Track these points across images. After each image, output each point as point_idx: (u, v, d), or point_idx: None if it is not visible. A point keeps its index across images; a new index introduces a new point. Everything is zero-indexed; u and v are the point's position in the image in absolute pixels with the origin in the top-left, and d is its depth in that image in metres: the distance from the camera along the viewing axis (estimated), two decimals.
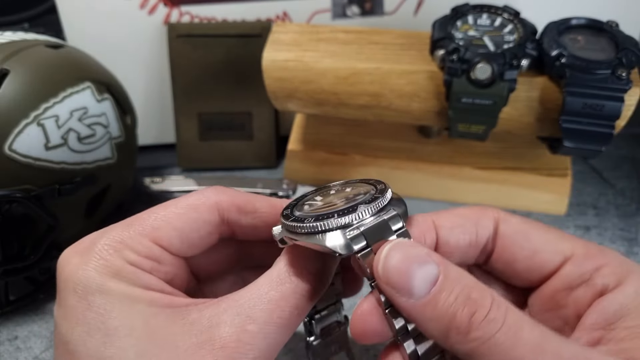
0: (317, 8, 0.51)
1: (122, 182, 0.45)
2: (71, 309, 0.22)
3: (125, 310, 0.21)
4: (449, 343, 0.20)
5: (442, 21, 0.40)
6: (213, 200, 0.25)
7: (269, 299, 0.22)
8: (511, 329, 0.19)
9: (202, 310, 0.22)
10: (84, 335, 0.21)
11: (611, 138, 0.37)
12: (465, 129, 0.40)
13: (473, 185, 0.49)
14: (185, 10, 0.51)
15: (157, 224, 0.24)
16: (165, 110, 0.55)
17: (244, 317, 0.21)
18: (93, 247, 0.23)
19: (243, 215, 0.26)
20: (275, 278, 0.23)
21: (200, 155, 0.54)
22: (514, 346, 0.19)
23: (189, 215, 0.25)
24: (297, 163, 0.51)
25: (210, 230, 0.25)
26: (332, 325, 0.28)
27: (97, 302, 0.21)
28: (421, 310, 0.20)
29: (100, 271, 0.22)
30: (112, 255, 0.23)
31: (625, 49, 0.37)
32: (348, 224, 0.21)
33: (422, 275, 0.20)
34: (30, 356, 0.37)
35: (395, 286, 0.20)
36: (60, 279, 0.23)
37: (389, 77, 0.41)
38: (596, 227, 0.47)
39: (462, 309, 0.19)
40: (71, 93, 0.38)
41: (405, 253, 0.20)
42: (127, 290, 0.22)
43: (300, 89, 0.42)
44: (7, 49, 0.37)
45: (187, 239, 0.25)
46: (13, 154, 0.35)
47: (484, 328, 0.19)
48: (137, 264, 0.23)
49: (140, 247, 0.23)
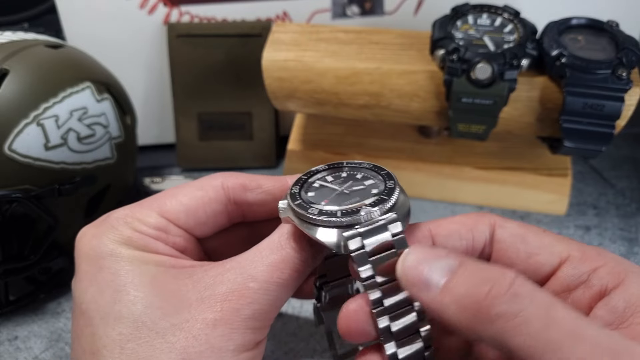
0: (317, 8, 0.51)
1: (121, 182, 0.45)
2: (84, 273, 0.24)
3: (134, 269, 0.23)
4: (474, 329, 0.19)
5: (442, 21, 0.40)
6: (218, 180, 0.27)
7: (269, 262, 0.23)
8: (543, 307, 0.18)
9: (207, 270, 0.24)
10: (96, 294, 0.23)
11: (611, 138, 0.37)
12: (465, 129, 0.40)
13: (473, 185, 0.49)
14: (185, 10, 0.51)
15: (165, 200, 0.26)
16: (165, 110, 0.55)
17: (246, 276, 0.23)
18: (107, 220, 0.25)
19: (249, 192, 0.27)
20: (276, 243, 0.24)
21: (200, 155, 0.54)
22: (548, 327, 0.17)
23: (195, 192, 0.27)
24: (297, 163, 0.51)
25: (216, 209, 0.27)
26: (342, 296, 0.29)
27: (108, 264, 0.23)
28: (440, 299, 0.19)
29: (111, 239, 0.24)
30: (122, 226, 0.25)
31: (626, 48, 0.37)
32: (348, 224, 0.22)
33: (439, 267, 0.20)
34: (30, 356, 0.37)
35: (413, 283, 0.20)
36: (77, 251, 0.25)
37: (389, 77, 0.41)
38: (596, 227, 0.47)
39: (481, 285, 0.18)
40: (71, 93, 0.38)
41: (422, 252, 0.21)
42: (136, 254, 0.24)
43: (300, 89, 0.42)
44: (6, 49, 0.37)
45: (193, 214, 0.26)
46: (13, 154, 0.35)
47: (508, 303, 0.18)
48: (145, 232, 0.25)
49: (149, 218, 0.25)
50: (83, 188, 0.39)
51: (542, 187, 0.48)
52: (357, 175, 0.26)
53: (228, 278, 0.23)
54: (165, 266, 0.24)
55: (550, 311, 0.18)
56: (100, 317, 0.22)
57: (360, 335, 0.22)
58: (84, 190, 0.40)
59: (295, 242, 0.24)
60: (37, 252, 0.38)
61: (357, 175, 0.26)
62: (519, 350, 0.18)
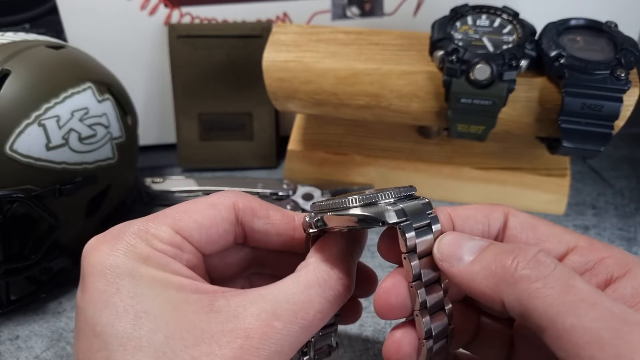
0: (317, 9, 0.51)
1: (122, 182, 0.45)
2: (100, 293, 0.22)
3: (155, 294, 0.22)
4: (498, 292, 0.20)
5: (442, 22, 0.41)
6: (231, 200, 0.27)
7: (295, 300, 0.23)
8: (563, 276, 0.19)
9: (229, 298, 0.23)
10: (113, 318, 0.22)
11: (610, 138, 0.37)
12: (464, 129, 0.41)
13: (472, 185, 0.49)
14: (185, 11, 0.51)
15: (178, 216, 0.25)
16: (165, 110, 0.55)
17: (270, 313, 0.22)
18: (121, 235, 0.24)
19: (257, 219, 0.27)
20: (302, 281, 0.24)
21: (200, 155, 0.54)
22: (566, 292, 0.19)
23: (208, 211, 0.26)
24: (297, 163, 0.51)
25: (227, 229, 0.27)
26: (324, 348, 0.29)
27: (127, 285, 0.22)
28: (470, 267, 0.22)
29: (130, 257, 0.23)
30: (139, 242, 0.24)
31: (624, 49, 0.37)
32: (391, 202, 0.23)
33: (471, 245, 0.22)
34: (31, 356, 0.37)
35: (447, 257, 0.22)
36: (88, 265, 0.23)
37: (389, 77, 0.41)
38: (595, 227, 0.47)
39: (508, 255, 0.21)
40: (72, 93, 0.39)
41: (456, 235, 0.23)
42: (157, 275, 0.23)
43: (301, 90, 0.43)
44: (8, 50, 0.37)
45: (205, 233, 0.26)
46: (14, 154, 0.35)
47: (531, 268, 0.20)
48: (163, 250, 0.24)
49: (164, 234, 0.24)
50: (84, 188, 0.40)
51: (541, 187, 0.48)
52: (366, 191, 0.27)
53: (252, 312, 0.22)
54: (186, 291, 0.23)
55: (569, 280, 0.19)
56: (119, 344, 0.21)
57: (398, 310, 0.23)
58: (85, 190, 0.40)
59: (322, 280, 0.24)
60: (38, 252, 0.38)
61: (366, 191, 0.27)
62: (537, 309, 0.19)
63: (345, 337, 0.37)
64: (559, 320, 0.18)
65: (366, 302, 0.39)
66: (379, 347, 0.36)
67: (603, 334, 0.18)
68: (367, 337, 0.37)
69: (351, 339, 0.37)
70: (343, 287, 0.24)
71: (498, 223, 0.26)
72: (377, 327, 0.38)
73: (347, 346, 0.36)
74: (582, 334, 0.18)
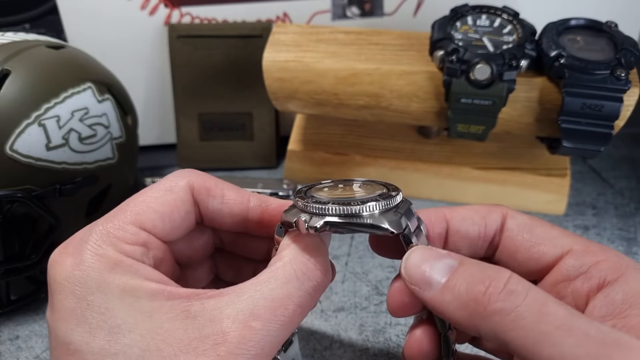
0: (317, 9, 0.51)
1: (123, 182, 0.45)
2: (70, 311, 0.21)
3: (127, 307, 0.21)
4: (473, 324, 0.20)
5: (442, 22, 0.41)
6: (186, 180, 0.26)
7: (273, 297, 0.22)
8: (535, 303, 0.19)
9: (204, 302, 0.22)
10: (86, 335, 0.21)
11: (610, 138, 0.37)
12: (464, 129, 0.41)
13: (472, 186, 0.49)
14: (185, 11, 0.51)
15: (137, 209, 0.24)
16: (165, 110, 0.55)
17: (247, 313, 0.21)
18: (84, 244, 0.23)
19: (211, 199, 0.26)
20: (280, 275, 0.23)
21: (200, 155, 0.54)
22: (540, 321, 0.19)
23: (166, 197, 0.25)
24: (297, 163, 0.51)
25: (188, 209, 0.26)
26: None
27: (97, 300, 0.21)
28: (441, 296, 0.21)
29: (96, 268, 0.22)
30: (104, 249, 0.22)
31: (624, 49, 0.37)
32: (393, 206, 0.23)
33: (440, 267, 0.21)
34: (31, 356, 0.37)
35: (416, 282, 0.22)
36: (55, 282, 0.22)
37: (389, 77, 0.41)
38: (595, 227, 0.47)
39: (479, 284, 0.20)
40: (72, 93, 0.39)
41: (424, 252, 0.22)
42: (127, 284, 0.22)
43: (301, 90, 0.43)
44: (8, 50, 0.37)
45: (168, 220, 0.25)
46: (14, 154, 0.35)
47: (504, 300, 0.19)
48: (130, 253, 0.23)
49: (128, 235, 0.23)
50: (84, 188, 0.40)
51: (541, 187, 0.48)
52: (354, 185, 0.26)
53: (228, 314, 0.21)
54: (159, 298, 0.22)
55: (542, 307, 0.19)
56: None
57: (408, 309, 0.24)
58: (85, 190, 0.40)
59: (300, 272, 0.23)
60: (38, 251, 0.38)
61: (354, 185, 0.26)
62: (513, 342, 0.19)
63: (346, 337, 0.37)
64: (536, 351, 0.18)
65: (366, 302, 0.39)
66: (379, 347, 0.36)
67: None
68: (367, 337, 0.37)
69: (351, 339, 0.37)
70: (322, 276, 0.23)
71: (495, 224, 0.25)
72: (377, 327, 0.38)
73: (347, 346, 0.36)
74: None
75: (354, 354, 0.36)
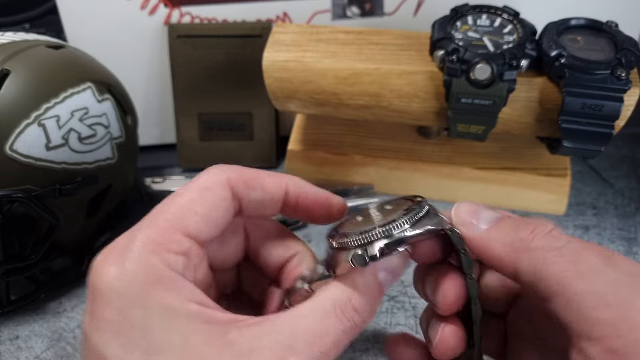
0: (317, 9, 0.51)
1: (122, 182, 0.45)
2: (108, 323, 0.21)
3: (165, 326, 0.21)
4: (515, 258, 0.22)
5: (442, 22, 0.41)
6: (224, 177, 0.25)
7: (312, 332, 0.22)
8: (576, 247, 0.21)
9: (242, 330, 0.21)
10: (122, 351, 0.21)
11: (610, 138, 0.37)
12: (464, 129, 0.41)
13: (472, 185, 0.49)
14: (185, 11, 0.51)
15: (179, 212, 0.24)
16: (165, 110, 0.55)
17: (285, 346, 0.21)
18: (127, 253, 0.22)
19: (251, 190, 0.26)
20: (320, 310, 0.23)
21: (200, 155, 0.54)
22: (577, 261, 0.21)
23: (205, 197, 0.24)
24: (297, 163, 0.51)
25: (227, 207, 0.25)
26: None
27: (137, 316, 0.21)
28: (487, 234, 0.23)
29: (139, 281, 0.21)
30: (148, 259, 0.22)
31: (625, 49, 0.37)
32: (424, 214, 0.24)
33: (488, 215, 0.24)
34: (31, 356, 0.37)
35: (464, 222, 0.24)
36: (95, 290, 0.22)
37: (389, 77, 0.41)
38: (595, 227, 0.47)
39: (526, 227, 0.23)
40: (72, 93, 0.39)
41: (473, 203, 0.25)
42: (168, 304, 0.21)
43: (301, 89, 0.43)
44: (8, 50, 0.37)
45: (210, 221, 0.24)
46: (14, 154, 0.35)
47: (546, 239, 0.22)
48: (173, 264, 0.22)
49: (172, 243, 0.23)
50: (84, 188, 0.39)
51: (541, 187, 0.48)
52: (386, 206, 0.26)
53: (267, 345, 0.21)
54: (197, 321, 0.21)
55: (582, 250, 0.21)
56: None
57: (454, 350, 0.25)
58: (85, 190, 0.40)
59: (340, 309, 0.23)
60: (38, 252, 0.38)
61: (386, 206, 0.26)
62: (549, 276, 0.21)
63: None
64: (569, 285, 0.20)
65: None
66: (380, 347, 0.36)
67: (609, 298, 0.20)
68: (367, 337, 0.37)
69: None
70: (360, 319, 0.23)
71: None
72: (377, 327, 0.38)
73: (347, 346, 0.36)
74: (590, 297, 0.20)
75: (354, 354, 0.36)
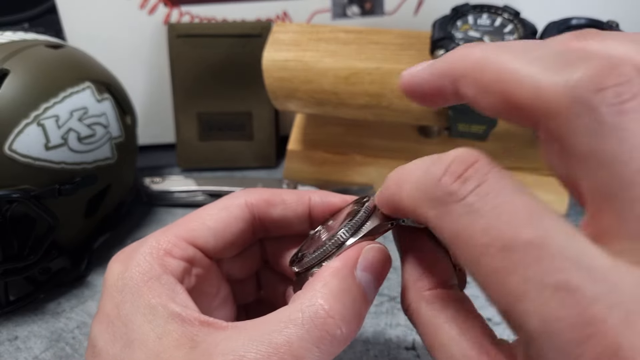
0: (317, 8, 0.51)
1: (122, 182, 0.45)
2: (105, 315, 0.23)
3: (145, 323, 0.22)
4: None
5: (442, 21, 0.41)
6: (242, 198, 0.26)
7: (269, 342, 0.19)
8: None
9: (210, 334, 0.21)
10: (108, 343, 0.22)
11: None
12: (465, 129, 0.40)
13: None
14: (185, 10, 0.51)
15: (191, 225, 0.25)
16: (165, 110, 0.55)
17: (237, 356, 0.19)
18: (134, 254, 0.24)
19: (272, 208, 0.27)
20: (284, 318, 0.20)
21: (200, 155, 0.54)
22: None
23: (220, 214, 0.26)
24: (297, 163, 0.51)
25: (243, 228, 0.26)
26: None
27: (126, 311, 0.22)
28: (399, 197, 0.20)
29: (135, 279, 0.23)
30: (148, 261, 0.23)
31: None
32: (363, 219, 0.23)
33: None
34: (30, 356, 0.37)
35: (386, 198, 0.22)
36: (103, 286, 0.24)
37: (389, 77, 0.41)
38: None
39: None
40: (71, 93, 0.38)
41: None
42: (153, 302, 0.22)
43: (301, 89, 0.42)
44: (7, 49, 0.37)
45: (221, 237, 0.26)
46: (13, 153, 0.35)
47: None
48: (172, 268, 0.24)
49: (176, 249, 0.24)
50: (83, 188, 0.39)
51: (542, 187, 0.48)
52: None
53: (220, 351, 0.20)
54: (175, 322, 0.21)
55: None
56: None
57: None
58: (84, 190, 0.40)
59: (310, 316, 0.20)
60: (37, 252, 0.38)
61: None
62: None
63: None
64: None
65: None
66: (379, 348, 0.36)
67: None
68: (367, 338, 0.37)
69: None
70: (337, 326, 0.20)
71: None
72: (377, 327, 0.38)
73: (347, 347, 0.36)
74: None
75: (354, 355, 0.36)
